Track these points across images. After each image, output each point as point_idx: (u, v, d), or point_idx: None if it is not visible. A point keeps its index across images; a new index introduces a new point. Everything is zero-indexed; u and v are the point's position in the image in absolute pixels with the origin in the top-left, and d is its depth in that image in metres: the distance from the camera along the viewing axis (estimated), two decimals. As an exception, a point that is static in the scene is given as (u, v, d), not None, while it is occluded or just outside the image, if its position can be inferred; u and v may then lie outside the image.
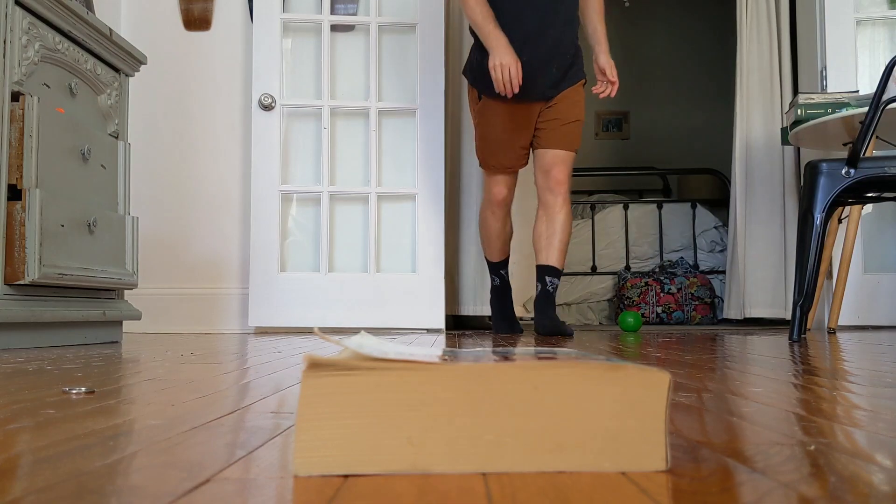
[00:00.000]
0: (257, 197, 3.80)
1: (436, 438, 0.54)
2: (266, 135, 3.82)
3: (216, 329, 3.90)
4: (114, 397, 1.02)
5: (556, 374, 0.55)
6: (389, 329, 3.79)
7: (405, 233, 3.92)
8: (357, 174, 3.94)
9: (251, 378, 1.29)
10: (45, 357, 1.83)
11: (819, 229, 2.59)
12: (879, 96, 2.58)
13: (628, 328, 3.77)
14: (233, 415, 0.85)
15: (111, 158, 2.73)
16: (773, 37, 4.38)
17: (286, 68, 3.91)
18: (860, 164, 2.58)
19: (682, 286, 5.14)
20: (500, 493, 0.49)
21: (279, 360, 1.70)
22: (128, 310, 2.84)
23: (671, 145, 7.22)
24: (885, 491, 0.49)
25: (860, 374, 1.30)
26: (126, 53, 2.84)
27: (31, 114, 2.22)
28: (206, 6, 4.00)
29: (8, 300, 2.17)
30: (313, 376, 0.54)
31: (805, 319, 2.62)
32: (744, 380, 1.21)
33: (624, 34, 7.29)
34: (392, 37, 3.98)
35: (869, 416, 0.81)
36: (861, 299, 3.85)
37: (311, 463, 0.54)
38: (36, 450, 0.64)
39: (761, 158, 4.36)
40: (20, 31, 2.23)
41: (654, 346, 2.31)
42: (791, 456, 0.60)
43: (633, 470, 0.55)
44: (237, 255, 3.95)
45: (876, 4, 4.05)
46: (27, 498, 0.48)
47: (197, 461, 0.59)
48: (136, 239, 2.84)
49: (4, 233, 2.18)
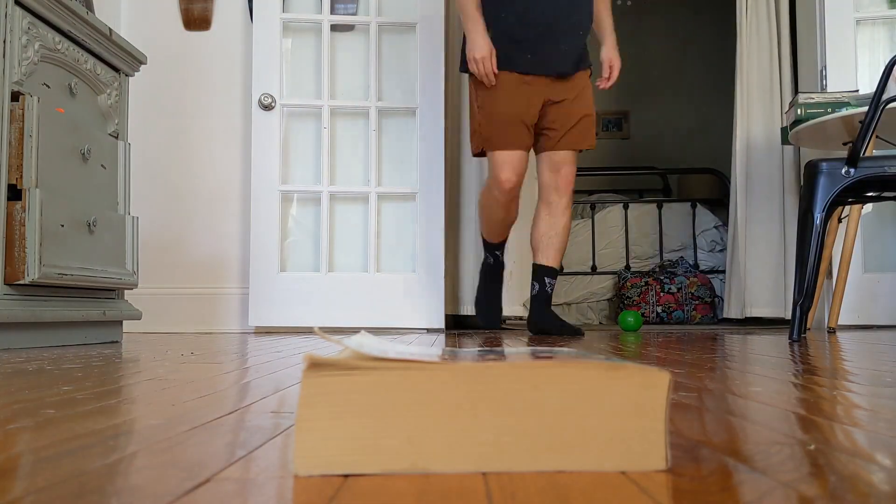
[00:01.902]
0: (257, 197, 3.80)
1: (436, 438, 0.54)
2: (266, 134, 3.82)
3: (216, 329, 3.90)
4: (114, 397, 1.02)
5: (556, 374, 0.55)
6: (389, 329, 3.79)
7: (405, 233, 3.91)
8: (357, 174, 3.94)
9: (251, 378, 1.29)
10: (45, 357, 1.83)
11: (819, 229, 2.58)
12: (879, 96, 2.58)
13: (628, 328, 3.76)
14: (233, 415, 0.85)
15: (111, 158, 2.73)
16: (772, 36, 4.38)
17: (286, 68, 3.91)
18: (860, 164, 2.58)
19: (683, 286, 5.14)
20: (500, 493, 0.49)
21: (279, 360, 1.70)
22: (128, 310, 2.84)
23: (671, 145, 7.22)
24: (885, 490, 0.49)
25: (860, 374, 1.30)
26: (126, 53, 2.84)
27: (30, 114, 2.22)
28: (206, 6, 4.00)
29: (8, 300, 2.17)
30: (313, 376, 0.54)
31: (805, 319, 2.62)
32: (744, 379, 1.21)
33: (624, 34, 7.27)
34: (392, 36, 3.98)
35: (869, 416, 0.81)
36: (861, 299, 3.85)
37: (311, 463, 0.54)
38: (36, 450, 0.64)
39: (761, 158, 4.36)
40: (20, 30, 2.23)
41: (654, 345, 2.31)
42: (791, 455, 0.60)
43: (633, 469, 0.55)
44: (237, 255, 3.95)
45: (876, 4, 4.05)
46: (27, 498, 0.48)
47: (197, 461, 0.59)
48: (136, 239, 2.84)
49: (4, 233, 2.18)
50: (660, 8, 7.29)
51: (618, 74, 3.18)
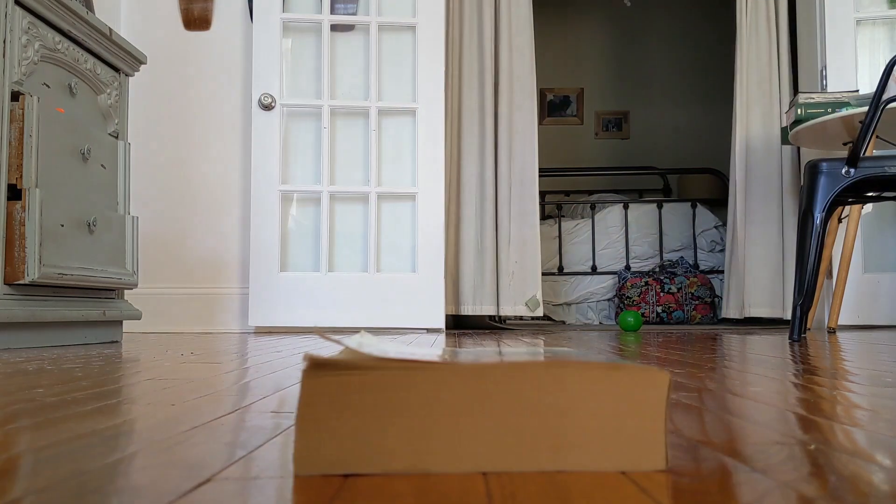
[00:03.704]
0: (257, 196, 3.80)
1: (436, 438, 0.54)
2: (266, 134, 3.82)
3: (216, 329, 3.90)
4: (114, 397, 1.02)
5: (556, 374, 0.55)
6: (389, 329, 3.79)
7: (405, 233, 3.91)
8: (357, 174, 3.94)
9: (251, 378, 1.29)
10: (44, 357, 1.83)
11: (819, 229, 2.58)
12: (879, 96, 2.58)
13: (628, 328, 3.76)
14: (233, 414, 0.85)
15: (111, 158, 2.73)
16: (772, 36, 4.38)
17: (286, 68, 3.91)
18: (860, 164, 2.58)
19: (683, 286, 5.15)
20: (500, 493, 0.49)
21: (279, 360, 1.70)
22: (128, 309, 2.84)
23: (671, 145, 7.22)
24: (885, 490, 0.49)
25: (860, 374, 1.30)
26: (126, 53, 2.84)
27: (30, 114, 2.22)
28: (206, 6, 4.00)
29: (8, 300, 2.17)
30: (314, 376, 0.54)
31: (805, 319, 2.62)
32: (744, 379, 1.21)
33: (624, 34, 7.29)
34: (392, 37, 3.98)
35: (869, 416, 0.81)
36: (861, 299, 3.85)
37: (311, 463, 0.54)
38: (36, 450, 0.64)
39: (761, 158, 4.36)
40: (20, 30, 2.23)
41: (654, 345, 2.31)
42: (791, 455, 0.60)
43: (633, 469, 0.55)
44: (237, 255, 3.95)
45: (876, 4, 4.05)
46: (27, 498, 0.48)
47: (197, 461, 0.59)
48: (136, 239, 2.84)
49: (4, 233, 2.18)
50: (660, 8, 7.29)
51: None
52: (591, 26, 7.14)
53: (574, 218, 5.90)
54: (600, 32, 7.22)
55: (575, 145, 7.29)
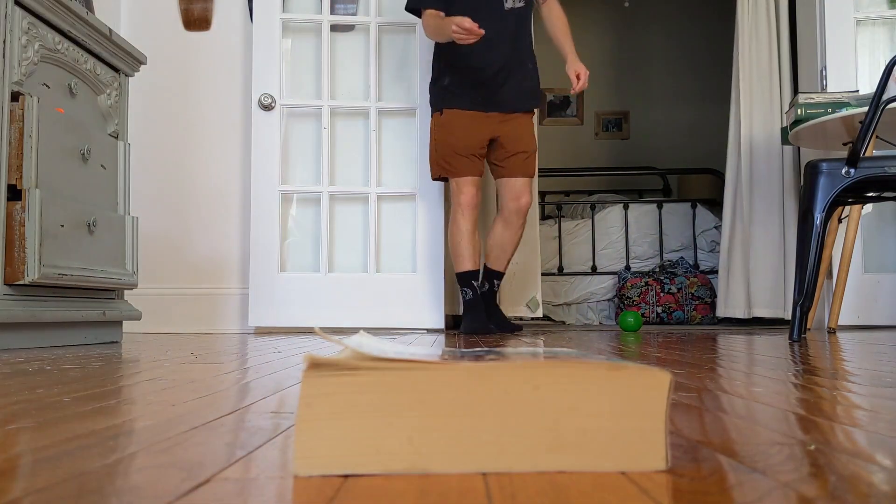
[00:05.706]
0: (257, 197, 3.80)
1: (436, 438, 0.54)
2: (266, 135, 3.82)
3: (216, 329, 3.90)
4: (114, 397, 1.02)
5: (556, 374, 0.55)
6: (389, 329, 3.79)
7: (405, 233, 3.91)
8: (357, 174, 3.94)
9: (251, 378, 1.29)
10: (45, 357, 1.83)
11: (819, 229, 2.58)
12: (879, 96, 2.58)
13: (628, 328, 3.76)
14: (233, 415, 0.85)
15: (111, 158, 2.73)
16: (772, 36, 4.38)
17: (286, 68, 3.91)
18: (860, 164, 2.58)
19: (683, 286, 5.15)
20: (500, 493, 0.49)
21: (279, 360, 1.70)
22: (128, 310, 2.84)
23: (671, 145, 7.22)
24: (885, 491, 0.49)
25: (860, 374, 1.30)
26: (126, 53, 2.84)
27: (30, 114, 2.22)
28: (206, 6, 4.00)
29: (8, 300, 2.17)
30: (313, 376, 0.54)
31: (805, 319, 2.61)
32: (744, 379, 1.21)
33: (623, 34, 7.29)
34: (392, 37, 3.98)
35: (869, 416, 0.81)
36: (861, 299, 3.85)
37: (311, 463, 0.54)
38: (36, 450, 0.64)
39: (761, 158, 4.35)
40: (20, 31, 2.23)
41: (654, 345, 2.31)
42: (791, 456, 0.60)
43: (633, 470, 0.55)
44: (237, 255, 3.95)
45: (876, 4, 4.05)
46: (27, 498, 0.48)
47: (197, 461, 0.59)
48: (136, 239, 2.84)
49: (4, 233, 2.17)
50: (659, 8, 7.29)
51: (586, 79, 3.42)
52: (590, 26, 7.13)
53: (574, 218, 5.90)
54: (600, 32, 7.22)
55: (575, 145, 7.29)
